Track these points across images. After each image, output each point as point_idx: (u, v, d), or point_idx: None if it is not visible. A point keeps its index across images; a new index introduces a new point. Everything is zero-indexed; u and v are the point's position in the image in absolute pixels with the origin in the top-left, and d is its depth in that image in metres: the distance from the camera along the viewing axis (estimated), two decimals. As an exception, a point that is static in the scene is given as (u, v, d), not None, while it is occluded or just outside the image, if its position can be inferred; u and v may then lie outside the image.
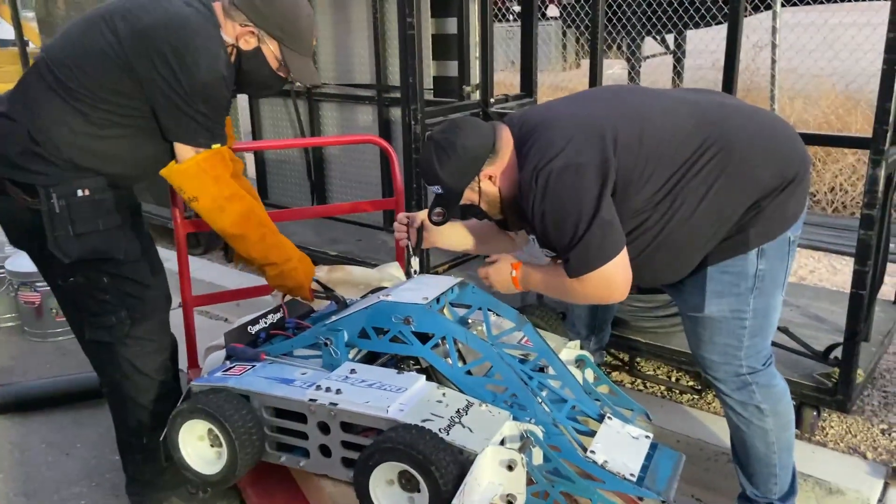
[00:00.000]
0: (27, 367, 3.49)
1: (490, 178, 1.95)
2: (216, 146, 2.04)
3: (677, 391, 2.92)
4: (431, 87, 3.95)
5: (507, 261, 2.07)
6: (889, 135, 2.13)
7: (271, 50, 2.08)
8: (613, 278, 1.83)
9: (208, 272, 4.39)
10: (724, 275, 1.89)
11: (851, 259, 4.46)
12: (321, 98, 4.49)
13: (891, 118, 2.11)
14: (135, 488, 2.35)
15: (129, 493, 2.36)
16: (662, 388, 2.97)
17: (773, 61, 5.87)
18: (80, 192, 2.01)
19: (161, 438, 1.92)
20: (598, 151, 1.79)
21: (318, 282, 2.33)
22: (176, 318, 2.57)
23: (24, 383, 3.16)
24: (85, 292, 2.13)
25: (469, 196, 1.98)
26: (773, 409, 1.99)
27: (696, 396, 2.87)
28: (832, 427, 2.64)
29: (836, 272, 4.27)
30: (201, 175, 2.03)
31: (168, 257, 4.69)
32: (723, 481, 2.41)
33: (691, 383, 2.95)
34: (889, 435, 2.60)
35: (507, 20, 9.82)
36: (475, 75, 3.71)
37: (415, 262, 2.32)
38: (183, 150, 2.03)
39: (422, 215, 2.27)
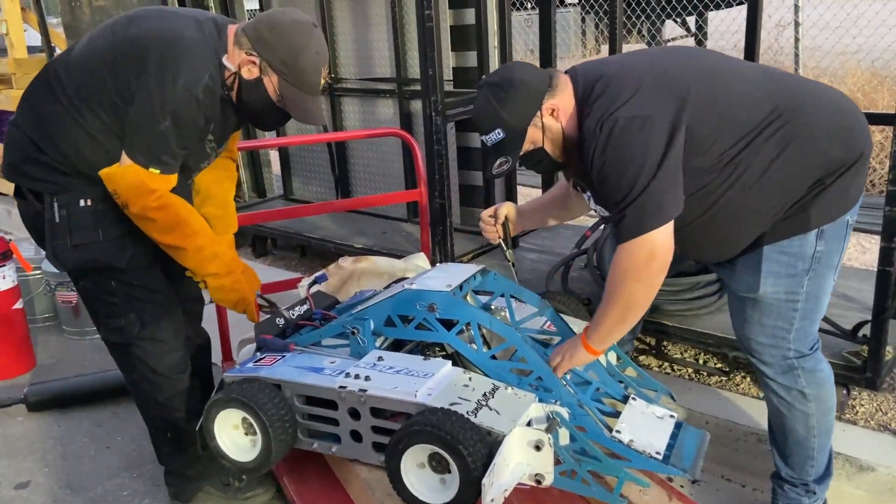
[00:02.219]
0: (66, 364, 3.59)
1: (552, 112, 1.86)
2: (154, 170, 1.96)
3: (705, 373, 2.92)
4: (451, 78, 3.97)
5: (572, 338, 2.00)
6: (912, 109, 2.11)
7: (272, 83, 2.01)
8: (662, 244, 1.73)
9: (237, 268, 4.46)
10: (782, 255, 1.84)
11: (880, 237, 4.43)
12: (342, 93, 4.53)
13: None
14: (171, 479, 2.42)
15: (167, 483, 2.44)
16: (690, 370, 2.97)
17: (797, 39, 5.80)
18: (82, 202, 2.02)
19: (196, 428, 1.98)
20: (669, 105, 1.72)
21: (262, 297, 2.31)
22: (209, 313, 2.64)
23: (64, 380, 3.26)
24: (95, 296, 2.18)
25: (532, 135, 1.88)
26: (816, 394, 1.95)
27: (724, 378, 2.87)
28: (862, 405, 2.63)
29: (866, 251, 4.22)
30: (137, 184, 1.95)
31: (198, 255, 4.78)
32: (752, 461, 2.42)
33: (719, 365, 2.95)
34: (920, 412, 2.58)
35: (525, 8, 9.79)
36: (494, 65, 3.72)
37: (510, 255, 2.33)
38: (124, 159, 1.97)
39: (504, 210, 2.27)
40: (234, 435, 1.95)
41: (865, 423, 2.54)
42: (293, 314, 2.30)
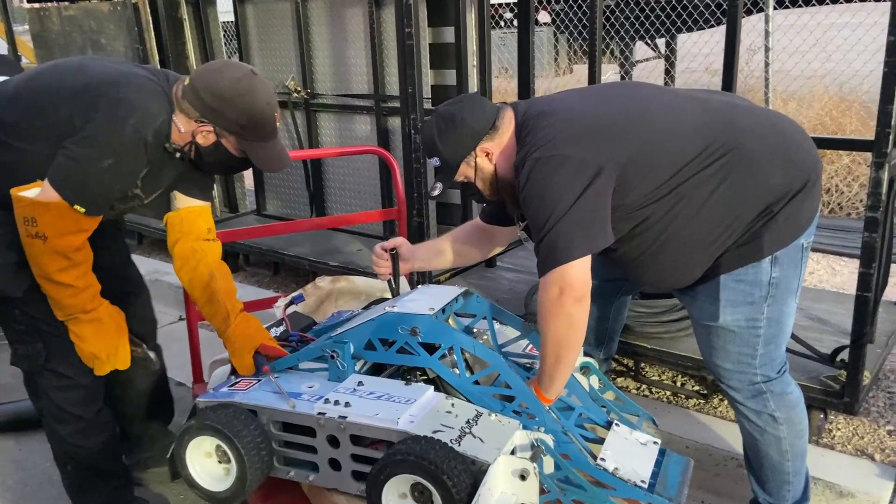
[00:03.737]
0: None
1: (487, 154, 1.94)
2: (79, 209, 1.87)
3: (683, 396, 2.92)
4: (429, 96, 3.95)
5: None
6: (892, 137, 2.14)
7: (231, 143, 1.98)
8: (571, 279, 1.74)
9: (208, 285, 4.37)
10: (739, 283, 1.86)
11: (849, 260, 4.50)
12: (319, 108, 4.49)
13: (893, 121, 2.11)
14: None
15: None
16: (668, 393, 2.96)
17: (767, 64, 5.90)
18: None
19: (168, 455, 1.91)
20: (589, 146, 1.77)
21: (133, 334, 2.19)
22: (181, 331, 2.56)
23: (23, 402, 3.12)
24: (2, 321, 2.12)
25: (465, 171, 1.97)
26: (787, 417, 1.96)
27: (702, 401, 2.87)
28: (839, 429, 2.64)
29: (836, 273, 4.28)
30: (69, 222, 1.87)
31: (167, 270, 4.69)
32: (732, 486, 2.40)
33: (696, 388, 2.94)
34: (896, 436, 2.60)
35: (500, 26, 9.86)
36: (473, 83, 3.71)
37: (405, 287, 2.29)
38: (49, 190, 1.86)
39: (396, 242, 2.26)
40: (207, 463, 1.88)
41: (843, 447, 2.55)
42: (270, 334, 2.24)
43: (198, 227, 2.20)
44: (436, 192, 2.00)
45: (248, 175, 5.38)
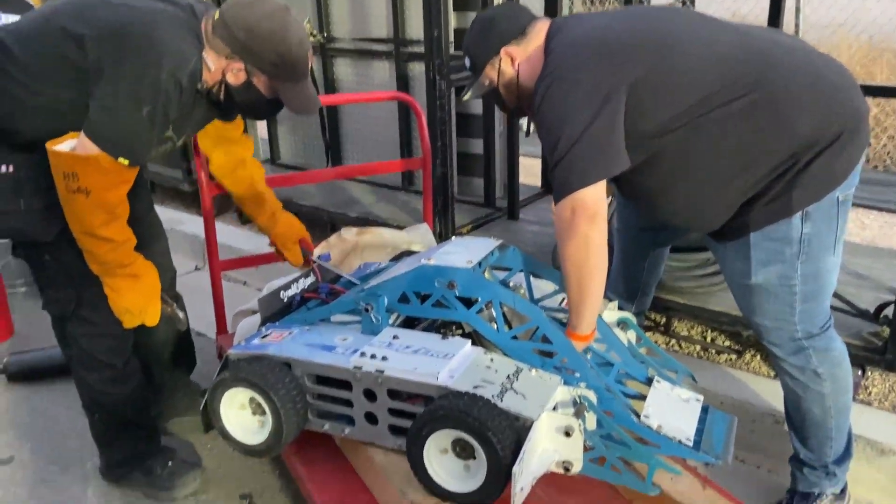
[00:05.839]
0: (47, 332, 3.42)
1: (511, 59, 1.90)
2: (123, 161, 1.81)
3: (714, 351, 2.86)
4: (452, 39, 3.80)
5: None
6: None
7: (263, 82, 1.91)
8: (581, 200, 1.69)
9: (223, 235, 4.27)
10: (768, 241, 1.79)
11: (878, 213, 4.40)
12: (335, 53, 4.34)
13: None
14: (101, 456, 2.39)
15: (100, 454, 2.39)
16: (698, 348, 2.91)
17: (798, 10, 5.69)
18: (3, 168, 1.87)
19: (202, 407, 1.87)
20: (602, 68, 1.72)
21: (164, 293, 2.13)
22: (197, 281, 2.50)
23: (45, 350, 3.10)
24: (31, 265, 2.08)
25: (489, 74, 1.94)
26: (830, 373, 1.91)
27: (735, 356, 2.81)
28: (875, 385, 2.59)
29: (865, 227, 4.19)
30: (112, 175, 1.81)
31: (182, 219, 4.62)
32: (768, 443, 2.37)
33: (729, 343, 2.89)
34: (933, 393, 2.55)
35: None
36: (498, 27, 3.56)
37: None
38: (87, 143, 1.79)
39: None
40: (241, 416, 1.84)
41: (880, 404, 2.50)
42: (298, 286, 2.19)
43: (227, 130, 2.31)
44: (466, 96, 2.01)
45: (261, 123, 5.25)
